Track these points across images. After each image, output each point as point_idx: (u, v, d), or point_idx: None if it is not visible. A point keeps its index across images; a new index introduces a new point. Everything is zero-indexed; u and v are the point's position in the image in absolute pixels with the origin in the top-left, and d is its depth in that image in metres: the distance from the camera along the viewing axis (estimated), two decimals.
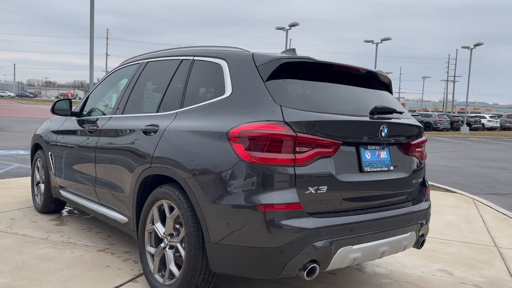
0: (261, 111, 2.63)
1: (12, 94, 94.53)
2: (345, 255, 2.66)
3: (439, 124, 40.21)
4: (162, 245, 3.08)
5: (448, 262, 4.24)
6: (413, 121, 3.32)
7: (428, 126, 40.26)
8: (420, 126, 3.36)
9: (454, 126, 41.71)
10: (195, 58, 3.34)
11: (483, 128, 45.12)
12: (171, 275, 2.99)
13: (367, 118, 2.91)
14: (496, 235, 5.42)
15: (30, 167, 5.73)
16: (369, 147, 2.94)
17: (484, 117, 47.19)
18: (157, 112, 3.44)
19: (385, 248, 2.90)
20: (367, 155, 2.91)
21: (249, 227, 2.52)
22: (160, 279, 3.08)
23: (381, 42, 33.94)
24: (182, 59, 3.47)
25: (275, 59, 2.81)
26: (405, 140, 3.20)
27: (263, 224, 2.49)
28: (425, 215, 3.28)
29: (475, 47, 37.46)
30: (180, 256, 2.93)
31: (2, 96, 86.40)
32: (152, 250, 3.19)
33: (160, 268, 3.12)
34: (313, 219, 2.57)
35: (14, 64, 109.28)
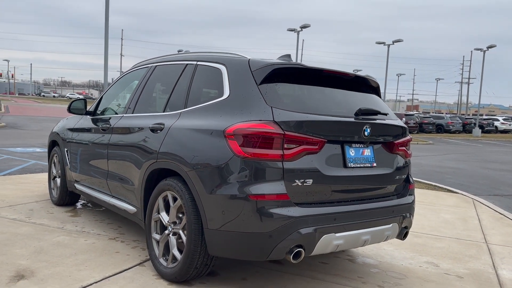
0: (254, 112, 2.94)
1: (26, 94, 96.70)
2: (329, 242, 2.96)
3: (451, 126, 40.07)
4: (166, 232, 3.41)
5: (436, 256, 4.50)
6: (397, 122, 3.60)
7: (440, 128, 40.15)
8: (404, 127, 3.64)
9: (466, 128, 41.50)
10: (198, 63, 3.67)
11: (496, 130, 44.81)
12: (174, 258, 3.32)
13: (351, 119, 3.20)
14: (489, 232, 5.64)
15: (47, 163, 6.11)
16: (353, 145, 3.23)
17: (498, 120, 46.83)
18: (163, 111, 3.77)
19: (367, 237, 3.19)
20: (351, 152, 3.20)
21: (242, 215, 2.83)
22: (164, 263, 3.41)
23: (393, 44, 33.98)
24: (187, 64, 3.79)
25: (268, 65, 3.12)
26: (388, 139, 3.48)
27: (254, 212, 2.80)
28: (409, 208, 3.55)
29: (488, 49, 37.27)
30: (182, 241, 3.25)
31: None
32: (157, 236, 3.51)
33: (164, 253, 3.45)
34: (299, 208, 2.87)
35: (31, 64, 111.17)
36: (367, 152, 3.32)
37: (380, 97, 3.84)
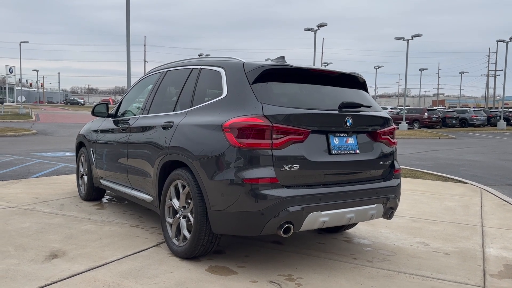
0: (247, 108, 3.40)
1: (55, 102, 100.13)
2: (315, 219, 3.40)
3: (475, 120, 39.59)
4: (177, 215, 3.91)
5: (429, 237, 4.85)
6: (380, 114, 4.00)
7: (464, 122, 39.71)
8: (387, 118, 4.04)
9: (491, 121, 40.89)
10: (202, 67, 4.16)
11: None
12: (184, 238, 3.81)
13: (335, 111, 3.63)
14: (488, 217, 5.92)
15: (75, 166, 6.73)
16: (337, 134, 3.65)
17: None
18: (173, 111, 4.27)
19: (352, 215, 3.60)
20: (335, 140, 3.63)
21: (237, 196, 3.30)
22: (176, 242, 3.91)
23: (412, 39, 33.83)
24: (193, 68, 4.29)
25: (259, 66, 3.58)
26: (371, 128, 3.89)
27: (248, 193, 3.27)
28: (393, 191, 3.95)
29: (510, 40, 36.68)
30: (191, 223, 3.74)
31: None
32: (170, 220, 4.01)
33: (176, 234, 3.94)
34: (287, 189, 3.32)
35: (59, 73, 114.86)
36: (351, 140, 3.73)
37: (367, 91, 4.24)
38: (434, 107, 47.99)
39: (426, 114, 37.10)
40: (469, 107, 57.93)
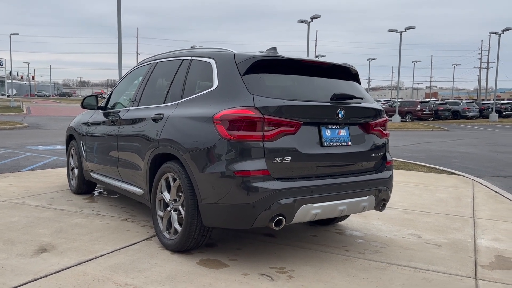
0: (238, 99, 3.36)
1: (48, 94, 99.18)
2: (307, 211, 3.37)
3: (467, 112, 39.74)
4: (168, 209, 3.87)
5: (421, 229, 4.86)
6: (372, 105, 3.97)
7: (457, 115, 39.83)
8: (379, 109, 4.01)
9: (483, 113, 41.09)
10: (193, 58, 4.10)
11: None
12: (175, 231, 3.78)
13: (327, 103, 3.60)
14: (479, 208, 5.94)
15: (66, 158, 6.66)
16: (329, 126, 3.62)
17: None
18: (164, 103, 4.22)
19: (343, 207, 3.59)
20: (327, 132, 3.60)
21: (228, 189, 3.27)
22: (167, 236, 3.87)
23: (405, 31, 33.79)
24: (183, 59, 4.23)
25: (250, 57, 3.53)
26: (363, 120, 3.86)
27: (239, 186, 3.23)
28: (385, 182, 3.93)
29: (503, 33, 36.77)
30: (182, 216, 3.70)
31: (39, 96, 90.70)
32: (161, 213, 3.98)
33: (167, 227, 3.91)
34: (278, 182, 3.29)
35: (50, 65, 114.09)
36: (343, 132, 3.70)
37: (359, 83, 4.21)
38: (427, 100, 48.16)
39: (419, 106, 37.18)
40: (462, 100, 58.18)
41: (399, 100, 36.83)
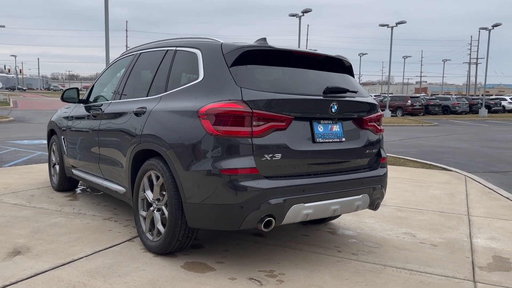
0: (225, 92, 3.13)
1: (35, 88, 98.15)
2: (298, 211, 3.17)
3: (457, 107, 39.87)
4: (151, 208, 3.65)
5: (416, 227, 4.69)
6: (367, 99, 3.77)
7: (447, 110, 39.94)
8: (373, 104, 3.81)
9: (473, 109, 41.24)
10: (177, 48, 3.86)
11: (504, 110, 44.39)
12: (159, 232, 3.56)
13: (319, 97, 3.39)
14: (474, 206, 5.80)
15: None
16: (321, 121, 3.41)
17: (505, 99, 46.37)
18: (147, 96, 3.98)
19: (336, 207, 3.39)
20: (319, 128, 3.39)
21: (214, 188, 3.05)
22: (150, 237, 3.65)
23: (396, 26, 33.68)
24: (167, 50, 3.99)
25: (238, 48, 3.31)
26: (357, 115, 3.66)
27: (226, 185, 3.02)
28: (380, 180, 3.75)
29: (493, 28, 36.82)
30: (165, 216, 3.48)
31: (25, 90, 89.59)
32: (144, 213, 3.75)
33: (150, 228, 3.68)
34: (268, 181, 3.08)
35: (38, 59, 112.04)
36: (336, 128, 3.50)
37: (353, 76, 4.01)
38: (417, 95, 48.21)
39: (409, 101, 37.20)
40: (451, 95, 58.42)
41: (389, 95, 36.80)
